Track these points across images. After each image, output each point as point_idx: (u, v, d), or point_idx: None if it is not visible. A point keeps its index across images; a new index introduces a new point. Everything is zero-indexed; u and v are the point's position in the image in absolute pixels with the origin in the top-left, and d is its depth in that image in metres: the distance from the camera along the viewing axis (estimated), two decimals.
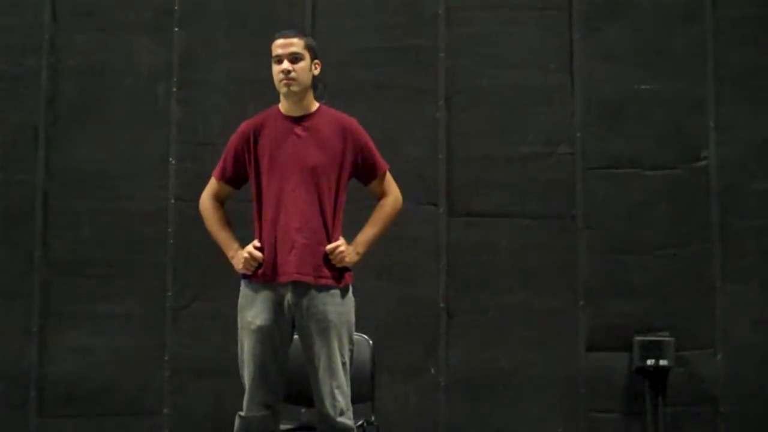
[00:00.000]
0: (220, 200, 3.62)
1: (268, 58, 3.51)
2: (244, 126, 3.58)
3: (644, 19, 5.16)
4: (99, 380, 5.00)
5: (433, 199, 5.08)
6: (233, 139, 3.58)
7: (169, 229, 5.07)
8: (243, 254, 3.45)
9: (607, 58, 5.14)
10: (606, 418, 4.95)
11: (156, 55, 5.20)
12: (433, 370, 4.99)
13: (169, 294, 5.04)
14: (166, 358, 5.01)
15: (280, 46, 3.47)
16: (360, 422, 3.72)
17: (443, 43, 5.16)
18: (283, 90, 3.48)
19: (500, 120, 5.14)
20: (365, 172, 3.57)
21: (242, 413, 3.45)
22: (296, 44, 3.47)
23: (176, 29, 5.21)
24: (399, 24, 5.20)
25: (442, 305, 5.01)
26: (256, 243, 3.45)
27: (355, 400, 3.50)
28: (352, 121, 3.56)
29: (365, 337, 3.95)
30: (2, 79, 5.21)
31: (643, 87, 5.13)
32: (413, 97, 5.14)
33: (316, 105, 3.55)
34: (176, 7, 5.22)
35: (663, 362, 4.81)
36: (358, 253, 3.51)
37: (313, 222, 3.42)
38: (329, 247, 3.43)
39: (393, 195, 3.61)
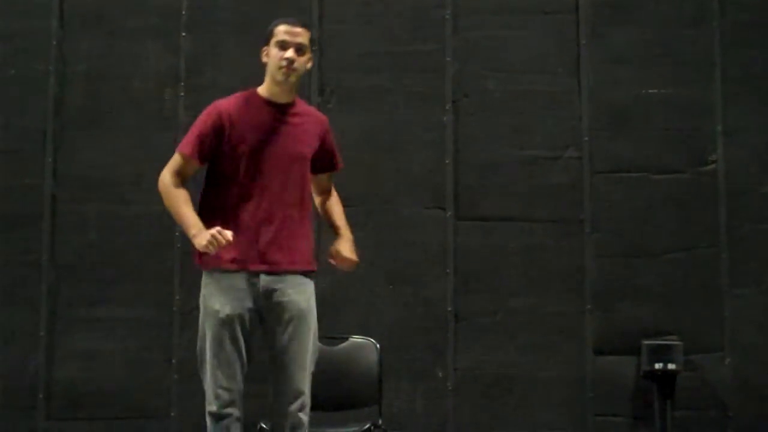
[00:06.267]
0: (183, 178, 3.44)
1: None
2: (221, 106, 3.46)
3: (652, 23, 5.15)
4: (106, 384, 5.00)
5: (441, 203, 5.07)
6: (210, 118, 3.43)
7: (177, 233, 5.07)
8: (210, 233, 3.20)
9: (615, 62, 5.14)
10: (614, 422, 4.94)
11: (163, 60, 5.21)
12: (440, 374, 4.98)
13: (177, 297, 5.04)
14: (173, 361, 5.00)
15: (288, 32, 3.44)
16: (367, 425, 3.72)
17: (450, 48, 5.17)
18: (279, 77, 3.43)
19: (507, 124, 5.14)
20: (325, 164, 3.61)
21: (212, 409, 3.29)
22: (303, 36, 3.45)
23: (183, 34, 5.23)
24: (406, 28, 5.21)
25: (449, 309, 5.01)
26: (225, 232, 3.22)
27: (362, 404, 3.50)
28: (326, 118, 3.65)
29: (372, 340, 3.94)
30: (10, 84, 5.22)
31: (650, 91, 5.12)
32: (420, 101, 5.14)
33: (294, 96, 3.55)
34: (183, 12, 5.23)
35: (671, 366, 4.79)
36: (349, 239, 3.56)
37: (289, 209, 3.39)
38: (332, 255, 3.47)
39: (335, 193, 3.70)
